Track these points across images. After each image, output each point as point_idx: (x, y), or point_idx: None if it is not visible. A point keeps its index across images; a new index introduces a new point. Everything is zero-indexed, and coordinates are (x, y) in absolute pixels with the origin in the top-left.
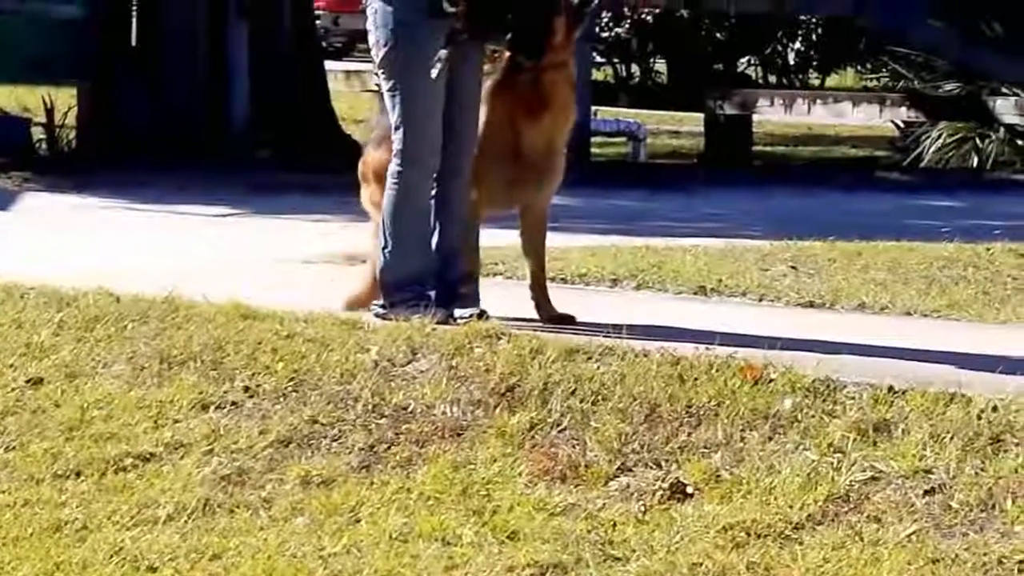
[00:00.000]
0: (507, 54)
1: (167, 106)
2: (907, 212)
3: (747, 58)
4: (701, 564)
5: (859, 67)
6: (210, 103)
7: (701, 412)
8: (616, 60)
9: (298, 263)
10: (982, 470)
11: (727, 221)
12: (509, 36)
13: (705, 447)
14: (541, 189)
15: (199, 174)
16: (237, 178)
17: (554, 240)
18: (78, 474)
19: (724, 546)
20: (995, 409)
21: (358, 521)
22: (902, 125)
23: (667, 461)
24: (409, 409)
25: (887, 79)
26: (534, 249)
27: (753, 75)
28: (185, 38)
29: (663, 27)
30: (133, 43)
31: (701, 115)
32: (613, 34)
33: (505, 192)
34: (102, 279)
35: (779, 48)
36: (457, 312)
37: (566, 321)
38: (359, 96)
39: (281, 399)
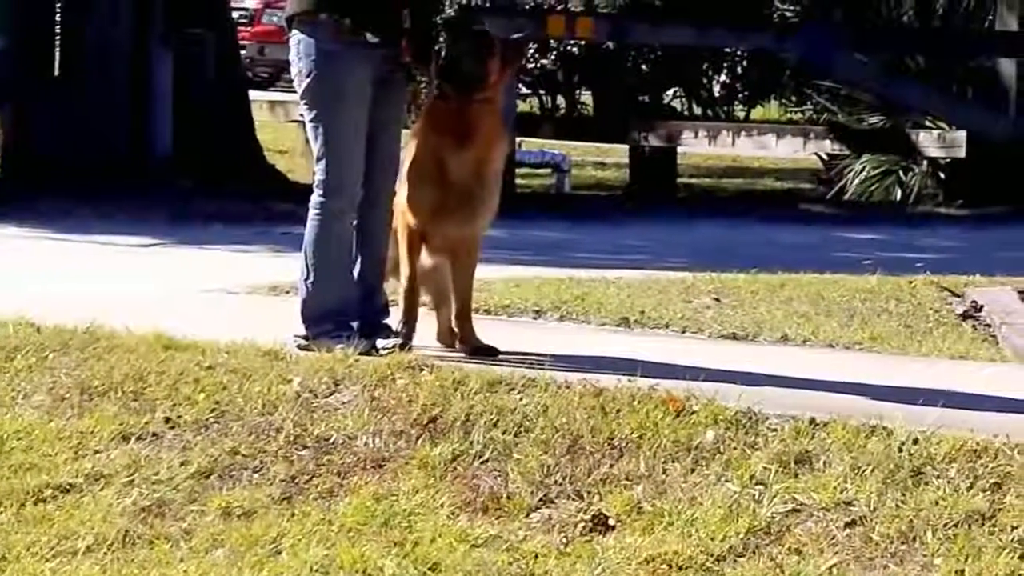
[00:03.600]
0: (435, 85)
1: (90, 135)
2: (830, 244)
3: (673, 90)
4: None
5: (784, 100)
6: (133, 132)
7: (623, 444)
8: (542, 91)
9: (221, 293)
10: (903, 502)
11: (651, 253)
12: (442, 72)
13: (627, 479)
14: (473, 221)
15: (122, 203)
16: (160, 207)
17: (478, 271)
18: None
19: None
20: (916, 441)
21: (279, 553)
22: (826, 158)
23: (589, 493)
24: (331, 440)
25: (811, 112)
26: (462, 281)
27: (679, 107)
28: (108, 66)
29: (589, 58)
30: (56, 71)
31: (626, 147)
32: (539, 65)
33: (437, 226)
34: (22, 309)
35: (704, 80)
36: (379, 343)
37: (489, 353)
38: (284, 126)
39: (202, 430)
